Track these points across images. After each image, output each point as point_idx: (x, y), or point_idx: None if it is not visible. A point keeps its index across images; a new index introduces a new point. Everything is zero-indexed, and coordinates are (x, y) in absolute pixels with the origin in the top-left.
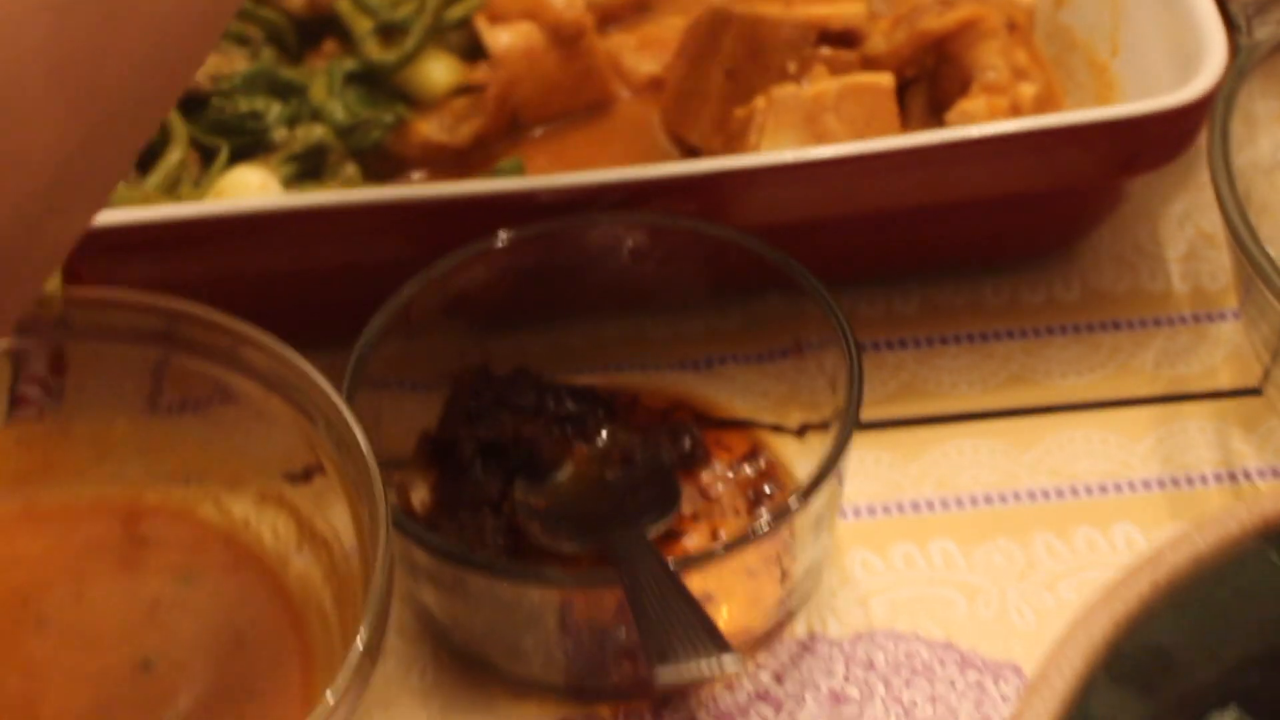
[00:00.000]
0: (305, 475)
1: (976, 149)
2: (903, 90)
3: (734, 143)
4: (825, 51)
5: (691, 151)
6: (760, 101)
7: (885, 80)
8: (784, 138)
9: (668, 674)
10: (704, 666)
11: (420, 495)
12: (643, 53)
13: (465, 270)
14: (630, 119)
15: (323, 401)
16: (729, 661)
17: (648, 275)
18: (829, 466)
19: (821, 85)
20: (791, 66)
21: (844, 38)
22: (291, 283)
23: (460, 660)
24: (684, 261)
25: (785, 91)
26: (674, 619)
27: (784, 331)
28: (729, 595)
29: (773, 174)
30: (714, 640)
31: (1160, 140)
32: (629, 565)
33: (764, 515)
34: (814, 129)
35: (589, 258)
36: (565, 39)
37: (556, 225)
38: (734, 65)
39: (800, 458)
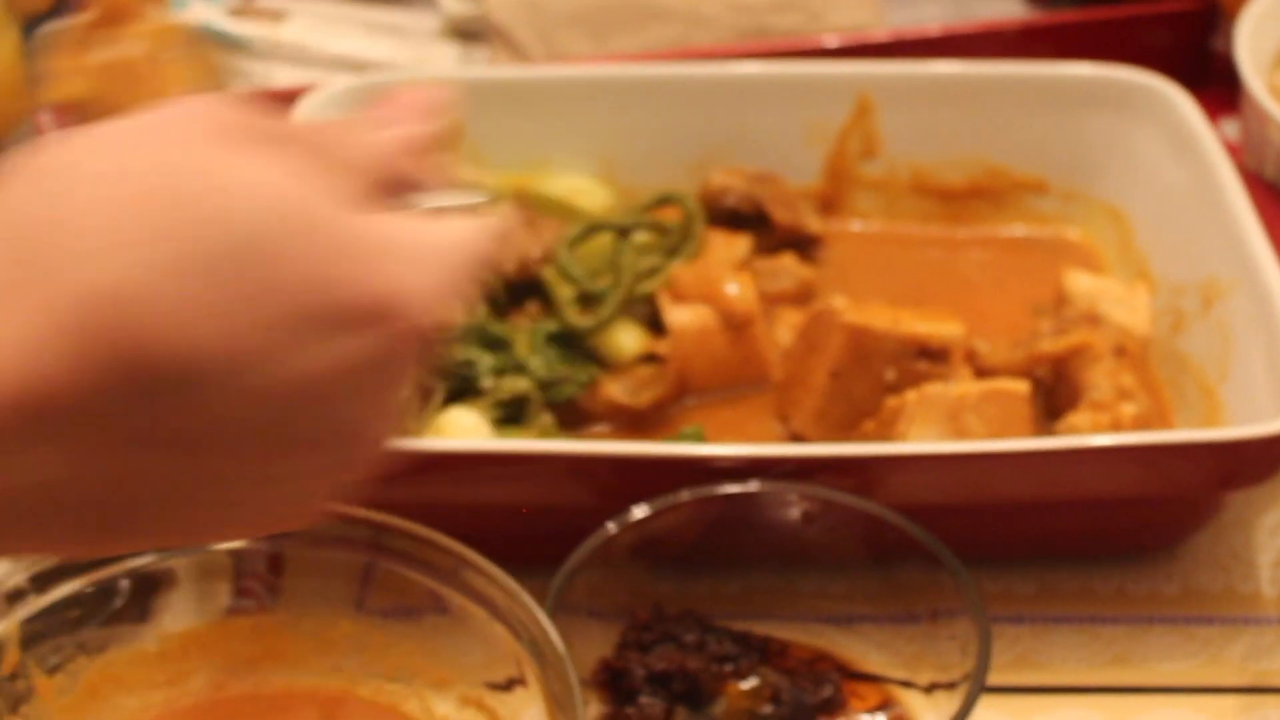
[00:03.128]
0: (508, 685)
1: (1091, 457)
2: None
3: (884, 428)
4: (922, 366)
5: (795, 436)
6: (911, 395)
7: (1022, 388)
8: (929, 430)
9: None
10: None
11: (593, 713)
12: (790, 331)
13: (655, 519)
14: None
15: (531, 621)
16: None
17: (805, 538)
18: (960, 717)
19: (965, 387)
20: (890, 375)
21: (940, 354)
22: (496, 513)
23: None
24: (838, 529)
25: (933, 389)
26: None
27: (920, 598)
28: None
29: (919, 462)
30: None
31: (1257, 461)
32: None
33: None
34: (955, 424)
35: (756, 519)
36: (735, 324)
37: (734, 489)
38: (839, 368)
39: (927, 712)
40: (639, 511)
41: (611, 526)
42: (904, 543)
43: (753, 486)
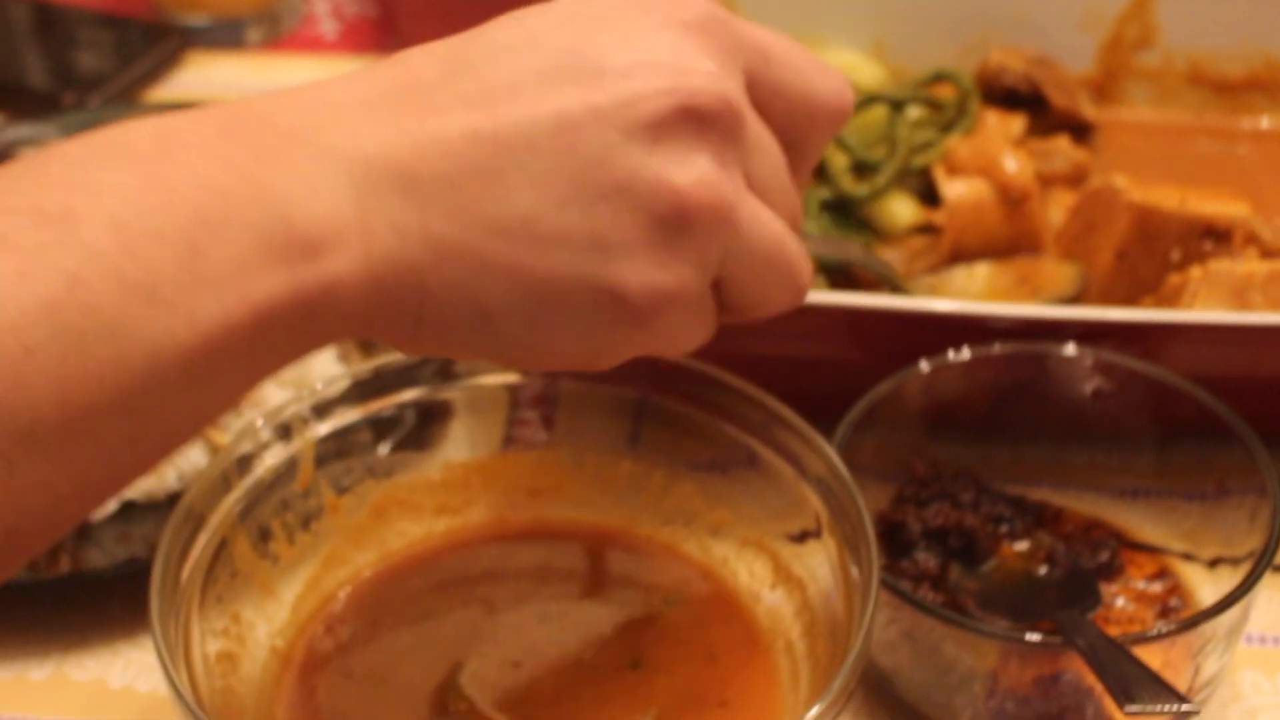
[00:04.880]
0: (800, 537)
1: None
2: None
3: (1164, 304)
4: (1207, 246)
5: None
6: (1196, 271)
7: None
8: (1213, 306)
9: (1136, 713)
10: (1167, 709)
11: None
12: (1063, 211)
13: (934, 377)
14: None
15: (832, 476)
16: (1188, 708)
17: (1086, 405)
18: (1243, 591)
19: (1252, 265)
20: (1175, 255)
21: (1225, 236)
22: (775, 367)
23: (892, 708)
24: (1122, 397)
25: (1220, 265)
26: (1130, 674)
27: (1207, 474)
28: None
29: (1214, 332)
30: (1171, 690)
31: None
32: (1083, 633)
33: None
34: (1241, 302)
35: (1036, 382)
36: (1012, 199)
37: (1016, 348)
38: (1125, 248)
39: (1207, 585)
40: (919, 369)
41: (891, 383)
42: (1194, 415)
43: (1036, 348)
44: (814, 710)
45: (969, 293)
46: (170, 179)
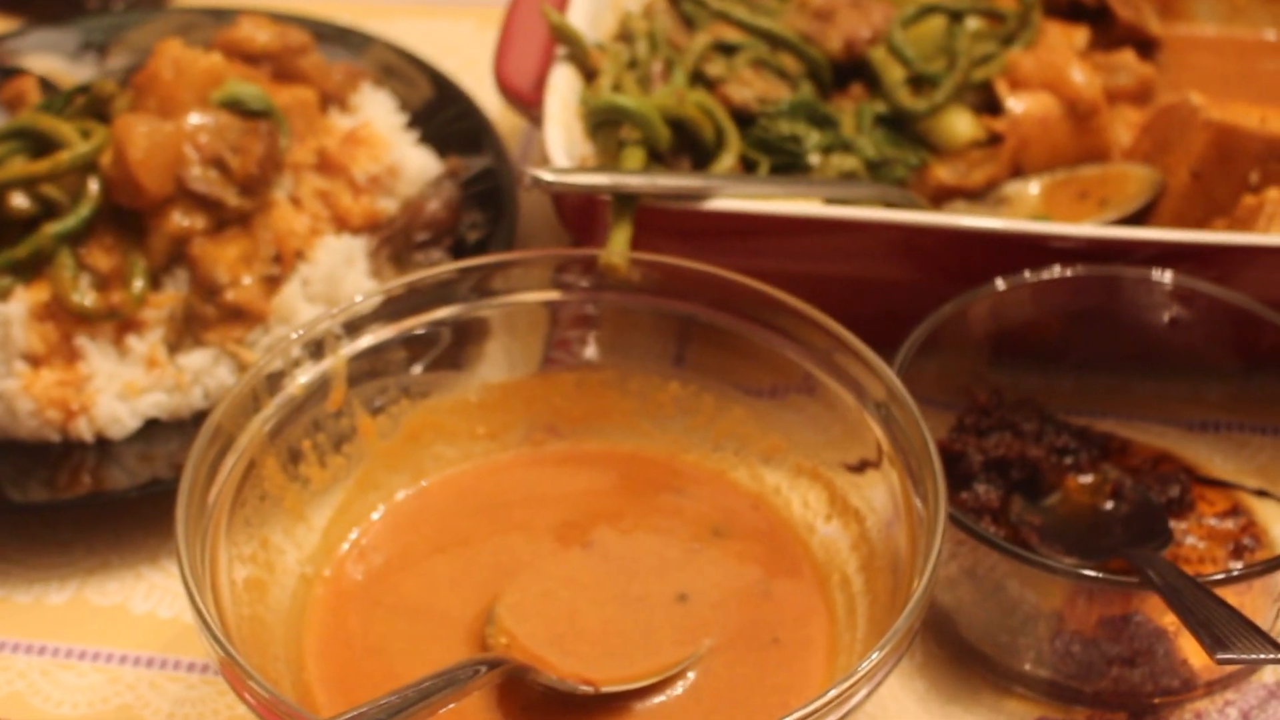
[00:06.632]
0: (860, 467)
1: None
2: None
3: (1239, 226)
4: None
5: None
6: (1274, 193)
7: None
8: None
9: (1228, 662)
10: (1266, 658)
11: None
12: (1129, 129)
13: (996, 300)
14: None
15: (890, 398)
16: None
17: (1156, 332)
18: None
19: None
20: (1254, 177)
21: None
22: (829, 286)
23: (951, 647)
24: (1195, 325)
25: None
26: (1219, 618)
27: None
28: None
29: None
30: (1268, 638)
31: None
32: (1162, 574)
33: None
34: None
35: (1104, 307)
36: (1080, 114)
37: (1086, 271)
38: (1201, 168)
39: None
40: (986, 290)
41: (954, 306)
42: (1273, 343)
43: (1107, 270)
44: (876, 654)
45: (1022, 209)
46: None
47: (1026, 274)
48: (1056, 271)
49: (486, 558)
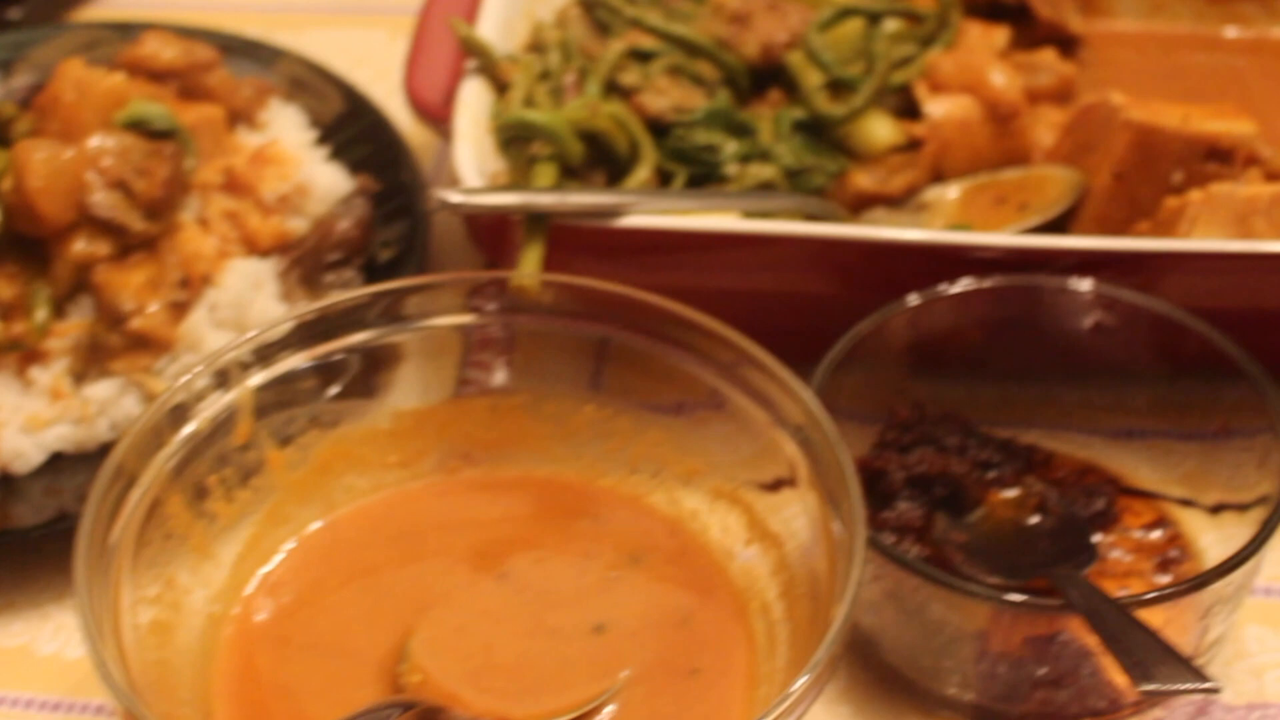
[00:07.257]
0: (775, 485)
1: None
2: None
3: (1161, 230)
4: (1211, 168)
5: None
6: (1196, 195)
7: None
8: (1213, 233)
9: (1152, 693)
10: (1187, 688)
11: None
12: (1050, 131)
13: (916, 313)
14: None
15: (810, 423)
16: (1209, 686)
17: (1078, 341)
18: (1260, 542)
19: (1256, 189)
20: (1177, 177)
21: (1229, 156)
22: (745, 302)
23: (876, 671)
24: (1118, 332)
25: (1221, 189)
26: (1143, 646)
27: (1211, 413)
28: None
29: (1221, 261)
30: (1192, 668)
31: None
32: (1085, 596)
33: (1173, 578)
34: (1243, 228)
35: (1025, 317)
36: (1001, 116)
37: (1003, 281)
38: (1123, 170)
39: (1209, 533)
40: (904, 304)
41: (873, 320)
42: (1195, 350)
43: (1027, 280)
44: (797, 685)
45: (941, 216)
46: None
47: (946, 286)
48: (976, 282)
49: (400, 591)
